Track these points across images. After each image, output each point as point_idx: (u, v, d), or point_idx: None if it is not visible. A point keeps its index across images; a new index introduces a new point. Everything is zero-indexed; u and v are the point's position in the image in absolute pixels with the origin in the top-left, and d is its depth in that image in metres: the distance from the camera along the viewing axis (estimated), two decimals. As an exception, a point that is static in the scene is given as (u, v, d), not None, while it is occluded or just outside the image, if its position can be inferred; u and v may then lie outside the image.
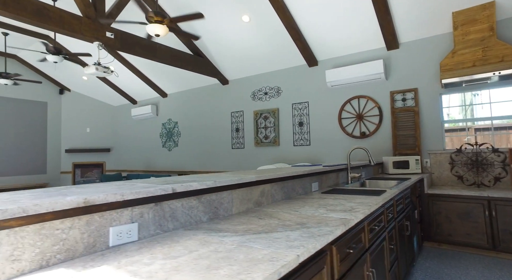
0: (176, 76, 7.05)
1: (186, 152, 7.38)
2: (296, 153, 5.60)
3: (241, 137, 6.39)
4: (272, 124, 5.92)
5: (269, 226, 1.31)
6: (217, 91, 6.82)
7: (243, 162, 6.33)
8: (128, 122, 9.01)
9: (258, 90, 6.16)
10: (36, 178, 8.56)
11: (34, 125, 8.58)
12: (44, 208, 0.85)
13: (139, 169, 8.57)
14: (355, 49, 4.93)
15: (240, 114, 6.41)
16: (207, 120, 6.99)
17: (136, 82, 7.77)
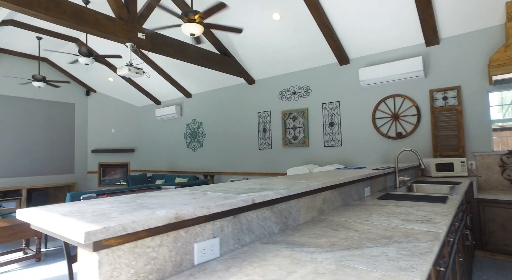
0: (201, 77, 7.03)
1: (211, 153, 7.34)
2: (327, 154, 5.44)
3: (268, 138, 6.29)
4: (301, 125, 5.78)
5: (351, 240, 1.19)
6: (243, 91, 6.74)
7: (270, 163, 6.22)
8: (152, 122, 9.08)
9: (286, 90, 6.03)
10: (65, 177, 8.76)
11: (63, 126, 8.78)
12: (141, 225, 0.77)
13: (163, 169, 8.62)
14: (391, 46, 4.72)
15: (267, 115, 6.31)
16: (232, 120, 6.92)
17: (161, 83, 7.80)
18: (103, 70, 8.01)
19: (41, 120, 8.34)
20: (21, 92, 7.99)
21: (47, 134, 8.43)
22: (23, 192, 7.57)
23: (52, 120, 8.55)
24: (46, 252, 4.03)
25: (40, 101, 8.34)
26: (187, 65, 6.66)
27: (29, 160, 8.06)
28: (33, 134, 8.16)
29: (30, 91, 8.14)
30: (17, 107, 7.88)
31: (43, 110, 8.37)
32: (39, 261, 3.68)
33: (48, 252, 4.02)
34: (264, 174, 6.29)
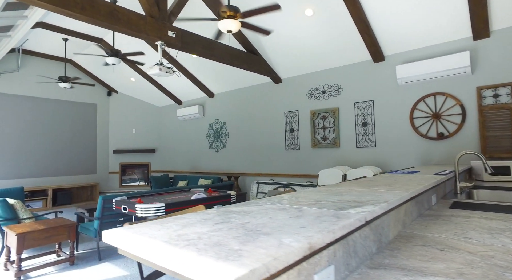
0: (224, 76, 6.89)
1: (235, 153, 7.20)
2: (360, 155, 5.21)
3: (296, 138, 6.10)
4: (332, 125, 5.56)
5: (478, 266, 1.00)
6: (269, 90, 6.57)
7: (298, 164, 6.03)
8: (173, 123, 9.02)
9: (315, 88, 5.83)
10: (88, 177, 8.81)
11: (86, 127, 8.83)
12: (281, 262, 0.60)
13: (184, 169, 8.54)
14: (431, 42, 4.45)
15: (295, 114, 6.11)
16: (257, 120, 6.76)
17: (183, 83, 7.71)
18: (125, 70, 7.99)
19: (65, 121, 8.40)
20: (46, 93, 8.06)
21: (71, 135, 8.48)
22: (49, 192, 7.63)
23: (75, 121, 8.61)
24: (78, 255, 3.97)
25: (64, 102, 8.40)
26: (210, 64, 6.53)
27: (54, 161, 8.13)
28: (58, 135, 8.22)
29: (55, 92, 8.21)
30: (43, 108, 7.96)
31: (66, 111, 8.43)
32: (72, 264, 3.61)
33: (80, 255, 3.96)
34: (291, 176, 6.10)
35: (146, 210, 3.20)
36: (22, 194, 5.38)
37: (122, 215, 3.96)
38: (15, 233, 3.21)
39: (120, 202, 3.55)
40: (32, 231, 3.30)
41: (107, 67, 8.14)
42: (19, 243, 3.23)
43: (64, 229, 3.55)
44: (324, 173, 4.98)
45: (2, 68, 7.31)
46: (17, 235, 3.22)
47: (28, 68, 7.78)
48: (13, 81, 7.51)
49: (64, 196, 7.98)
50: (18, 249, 3.22)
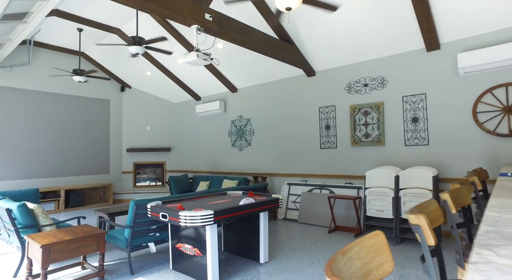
0: (249, 69, 6.40)
1: (261, 152, 6.71)
2: (409, 154, 4.71)
3: (332, 136, 5.60)
4: (375, 121, 5.07)
5: None
6: (300, 84, 6.08)
7: (335, 164, 5.54)
8: (190, 119, 8.54)
9: (355, 81, 5.33)
10: (100, 177, 8.34)
11: (98, 124, 8.35)
12: None
13: (203, 169, 8.06)
14: (500, 25, 3.94)
15: (331, 110, 5.62)
16: (287, 116, 6.27)
17: (203, 77, 7.22)
18: (141, 64, 7.51)
19: (78, 118, 7.92)
20: (58, 88, 7.58)
21: (83, 133, 8.01)
22: (61, 193, 7.17)
23: (87, 117, 8.14)
24: (106, 268, 3.49)
25: (76, 98, 7.93)
26: (235, 56, 6.04)
27: (66, 160, 7.66)
28: (70, 133, 7.75)
29: (66, 87, 7.73)
30: (54, 104, 7.48)
31: (78, 107, 7.96)
32: (102, 279, 3.13)
33: (108, 268, 3.49)
34: (327, 176, 5.61)
35: (191, 218, 2.72)
36: (37, 196, 4.92)
37: (155, 222, 3.48)
38: (40, 244, 2.73)
39: (157, 209, 3.07)
40: (58, 242, 2.83)
41: (121, 61, 7.66)
42: (45, 256, 2.76)
43: (93, 239, 3.07)
44: (372, 173, 4.49)
45: (13, 61, 6.84)
46: (43, 247, 2.74)
47: (40, 61, 7.30)
48: (24, 75, 7.04)
49: (77, 198, 7.51)
50: (43, 263, 2.75)
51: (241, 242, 3.70)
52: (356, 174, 5.27)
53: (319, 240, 4.38)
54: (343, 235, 4.61)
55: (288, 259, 3.62)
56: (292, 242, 4.28)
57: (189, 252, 3.12)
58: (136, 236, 3.36)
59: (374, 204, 4.36)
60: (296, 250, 3.94)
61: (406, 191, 4.12)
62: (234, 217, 2.98)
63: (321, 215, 5.30)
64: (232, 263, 3.53)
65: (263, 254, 3.49)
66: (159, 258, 3.73)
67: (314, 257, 3.66)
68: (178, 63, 6.98)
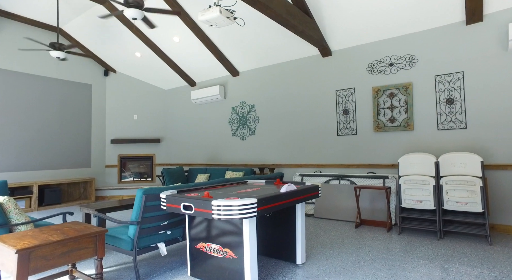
0: (253, 49, 5.75)
1: (267, 141, 6.09)
2: (443, 139, 4.27)
3: (351, 121, 5.08)
4: (403, 103, 4.59)
5: None
6: (314, 66, 5.50)
7: (355, 152, 5.02)
8: (183, 107, 7.75)
9: (378, 61, 4.83)
10: (80, 172, 7.36)
11: (78, 112, 7.37)
12: None
13: (199, 162, 7.32)
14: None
15: (350, 93, 5.09)
16: (298, 101, 5.68)
17: (200, 59, 6.48)
18: (128, 44, 6.65)
19: (54, 104, 6.91)
20: (30, 68, 6.55)
21: (60, 121, 7.01)
22: (34, 189, 6.18)
23: (66, 104, 7.14)
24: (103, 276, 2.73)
25: (53, 81, 6.92)
26: (238, 35, 5.37)
27: (40, 151, 6.64)
28: (45, 120, 6.74)
29: (41, 67, 6.71)
30: (25, 86, 6.45)
31: (56, 91, 6.95)
32: (100, 292, 2.39)
33: (106, 276, 2.73)
34: (345, 166, 5.08)
35: (227, 209, 2.05)
36: (5, 190, 4.00)
37: (166, 217, 2.77)
38: (15, 248, 1.96)
39: (175, 199, 2.36)
40: (42, 244, 2.06)
41: (106, 41, 6.74)
42: (22, 264, 1.99)
43: (89, 240, 2.31)
44: (406, 160, 3.99)
45: (-26, 32, 5.77)
46: (19, 253, 1.96)
47: (7, 35, 6.25)
48: (-13, 50, 5.98)
49: (53, 194, 6.53)
50: (19, 275, 1.97)
51: (273, 240, 3.07)
52: (380, 163, 4.78)
53: (350, 236, 3.82)
54: (373, 230, 4.08)
55: (327, 258, 3.02)
56: (321, 240, 3.69)
57: (216, 254, 2.44)
58: (143, 235, 2.63)
59: (410, 194, 3.86)
60: (331, 248, 3.36)
61: (448, 179, 3.65)
62: (276, 208, 2.34)
63: (342, 208, 4.76)
64: (263, 265, 2.88)
65: (300, 254, 2.88)
66: (170, 262, 3.01)
67: (357, 256, 3.09)
68: (173, 42, 6.19)
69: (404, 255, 3.05)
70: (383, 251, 3.19)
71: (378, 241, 3.58)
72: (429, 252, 3.12)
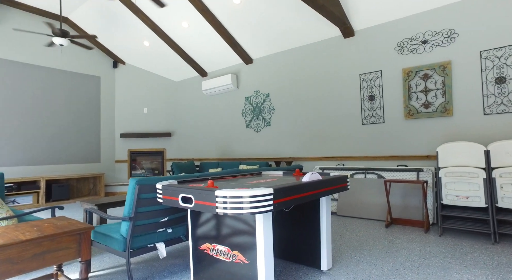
0: (269, 33, 5.27)
1: (283, 133, 5.60)
2: (491, 125, 3.65)
3: (378, 108, 4.52)
4: (440, 85, 4.00)
5: None
6: (334, 48, 4.97)
7: (382, 143, 4.46)
8: (195, 99, 7.36)
9: (409, 39, 4.24)
10: (90, 167, 7.13)
11: (87, 105, 7.12)
12: None
13: (211, 156, 6.92)
14: None
15: (377, 76, 4.53)
16: (317, 88, 5.16)
17: (212, 46, 6.06)
18: (137, 32, 6.31)
19: (62, 97, 6.69)
20: (36, 58, 6.33)
21: (68, 114, 6.78)
22: (41, 184, 5.95)
23: (74, 96, 6.90)
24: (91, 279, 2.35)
25: (60, 72, 6.69)
26: (252, 16, 4.90)
27: (47, 145, 6.43)
28: (52, 113, 6.52)
29: (48, 58, 6.49)
30: (32, 78, 6.23)
31: (63, 83, 6.72)
32: (86, 301, 1.99)
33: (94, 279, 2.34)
34: (371, 158, 4.53)
35: (235, 201, 1.60)
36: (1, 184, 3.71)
37: (167, 213, 2.34)
38: (-26, 249, 1.58)
39: (173, 189, 1.94)
40: (8, 244, 1.67)
41: (113, 30, 6.44)
42: (-17, 269, 1.60)
43: (71, 239, 1.92)
44: (447, 149, 3.41)
45: (-22, 21, 5.59)
46: (-22, 254, 1.58)
47: (10, 24, 6.05)
48: (-7, 40, 5.79)
49: (61, 190, 6.30)
50: (-20, 281, 1.60)
51: (292, 241, 2.59)
52: (412, 154, 4.20)
53: (381, 237, 3.29)
54: (407, 230, 3.52)
55: (356, 264, 2.52)
56: (348, 241, 3.19)
57: (223, 257, 1.99)
58: (138, 233, 2.21)
59: (453, 189, 3.29)
60: (360, 251, 2.84)
61: (504, 171, 3.05)
62: (297, 201, 1.86)
63: (369, 205, 4.22)
64: (281, 271, 2.41)
65: (326, 258, 2.38)
66: (173, 265, 2.59)
67: (393, 261, 2.57)
68: (182, 27, 5.80)
69: (454, 262, 2.50)
70: (425, 256, 2.65)
71: (416, 243, 3.04)
72: (486, 260, 2.55)
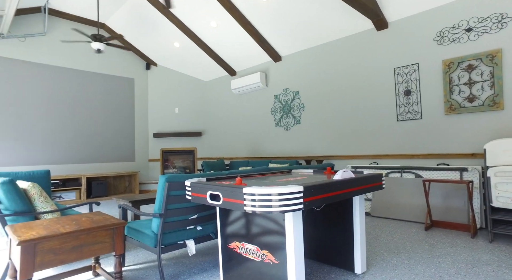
0: (297, 30, 5.15)
1: (314, 131, 5.46)
2: (547, 120, 3.28)
3: (414, 104, 4.25)
4: (487, 77, 3.66)
5: None
6: (367, 42, 4.75)
7: (420, 140, 4.18)
8: (224, 99, 7.43)
9: (450, 27, 3.93)
10: (125, 165, 7.45)
11: (122, 105, 7.45)
12: None
13: (241, 155, 6.93)
14: None
15: (413, 70, 4.26)
16: (348, 84, 4.97)
17: (240, 45, 6.06)
18: (168, 34, 6.48)
19: (99, 98, 7.05)
20: (77, 63, 6.73)
21: (105, 114, 7.13)
22: (82, 181, 6.31)
23: (110, 98, 7.25)
24: (125, 274, 2.41)
25: (97, 75, 7.04)
26: (280, 13, 4.81)
27: (87, 144, 6.81)
28: (91, 114, 6.89)
29: (86, 63, 6.87)
30: (73, 81, 6.63)
31: (100, 85, 7.08)
32: (120, 294, 2.05)
33: (128, 274, 2.40)
34: (408, 156, 4.27)
35: (263, 198, 1.56)
36: (48, 180, 3.97)
37: (196, 210, 2.35)
38: (18, 239, 1.67)
39: (201, 187, 1.93)
40: (49, 236, 1.75)
41: (146, 33, 6.67)
42: (26, 259, 1.70)
43: (105, 233, 1.98)
44: (498, 146, 3.11)
45: (27, 30, 6.03)
46: (22, 245, 1.68)
47: (56, 32, 6.47)
48: (39, 47, 6.22)
49: (100, 187, 6.64)
50: (23, 270, 1.69)
51: (323, 242, 2.49)
52: (454, 152, 3.89)
53: (420, 240, 3.08)
54: (449, 234, 3.27)
55: (394, 268, 2.36)
56: (383, 243, 3.01)
57: (252, 256, 1.95)
58: (168, 230, 2.24)
59: (506, 190, 2.99)
60: (398, 254, 2.67)
61: None
62: (328, 199, 1.77)
63: (406, 206, 3.98)
64: (312, 272, 2.33)
65: (360, 260, 2.26)
66: (203, 263, 2.61)
67: (435, 267, 2.38)
68: (211, 27, 5.86)
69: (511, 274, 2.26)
70: (473, 264, 2.43)
71: (462, 249, 2.80)
72: (544, 268, 2.28)
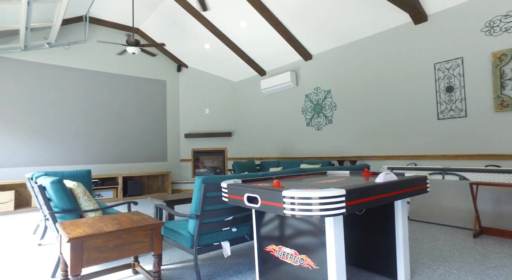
0: (328, 27, 5.02)
1: (346, 130, 5.30)
2: None
3: (458, 101, 3.97)
4: (544, 70, 3.33)
5: None
6: (404, 36, 4.52)
7: (463, 140, 3.90)
8: (254, 99, 7.44)
9: (502, 16, 3.63)
10: (158, 165, 7.69)
11: (154, 107, 7.71)
12: None
13: (271, 155, 6.90)
14: None
15: (456, 64, 3.98)
16: (384, 81, 4.76)
17: (270, 45, 6.03)
18: (198, 36, 6.60)
19: (134, 100, 7.34)
20: (113, 67, 7.05)
21: (139, 116, 7.42)
22: (119, 180, 6.60)
23: (143, 100, 7.52)
24: (164, 273, 2.47)
25: (132, 78, 7.34)
26: (310, 10, 4.70)
27: (122, 145, 7.11)
28: (126, 116, 7.20)
29: (122, 67, 7.18)
30: (111, 85, 6.96)
31: (134, 88, 7.37)
32: (159, 292, 2.09)
33: (166, 273, 2.46)
34: (451, 157, 4.00)
35: (303, 202, 1.51)
36: (89, 179, 4.19)
37: (231, 212, 2.35)
38: (68, 236, 1.76)
39: (238, 189, 1.92)
40: (95, 234, 1.83)
41: (177, 35, 6.84)
42: (75, 255, 1.78)
43: (145, 233, 2.03)
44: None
45: (70, 38, 6.42)
46: (71, 242, 1.76)
47: (94, 39, 6.82)
48: (80, 54, 6.59)
49: (135, 186, 6.92)
50: (73, 266, 1.77)
51: (363, 247, 2.39)
52: (507, 152, 3.59)
53: (468, 248, 2.86)
54: (504, 243, 3.01)
55: (441, 278, 2.21)
56: (427, 249, 2.84)
57: (290, 260, 1.91)
58: (204, 231, 2.26)
59: None
60: (444, 262, 2.50)
61: None
62: (371, 203, 1.68)
63: (449, 210, 3.73)
64: (352, 278, 2.24)
65: (403, 268, 2.14)
66: (238, 264, 2.60)
67: (491, 278, 2.20)
68: (240, 28, 5.88)
69: None
70: (531, 275, 2.21)
71: (516, 258, 2.56)
72: None
